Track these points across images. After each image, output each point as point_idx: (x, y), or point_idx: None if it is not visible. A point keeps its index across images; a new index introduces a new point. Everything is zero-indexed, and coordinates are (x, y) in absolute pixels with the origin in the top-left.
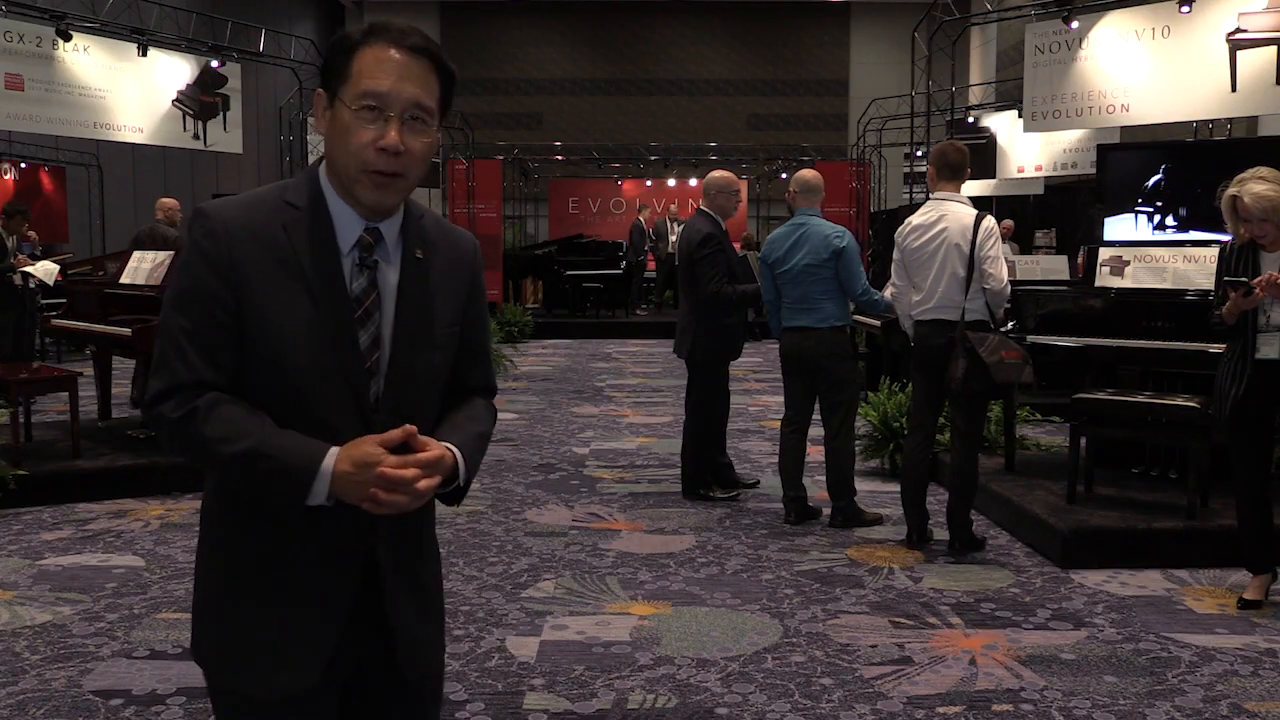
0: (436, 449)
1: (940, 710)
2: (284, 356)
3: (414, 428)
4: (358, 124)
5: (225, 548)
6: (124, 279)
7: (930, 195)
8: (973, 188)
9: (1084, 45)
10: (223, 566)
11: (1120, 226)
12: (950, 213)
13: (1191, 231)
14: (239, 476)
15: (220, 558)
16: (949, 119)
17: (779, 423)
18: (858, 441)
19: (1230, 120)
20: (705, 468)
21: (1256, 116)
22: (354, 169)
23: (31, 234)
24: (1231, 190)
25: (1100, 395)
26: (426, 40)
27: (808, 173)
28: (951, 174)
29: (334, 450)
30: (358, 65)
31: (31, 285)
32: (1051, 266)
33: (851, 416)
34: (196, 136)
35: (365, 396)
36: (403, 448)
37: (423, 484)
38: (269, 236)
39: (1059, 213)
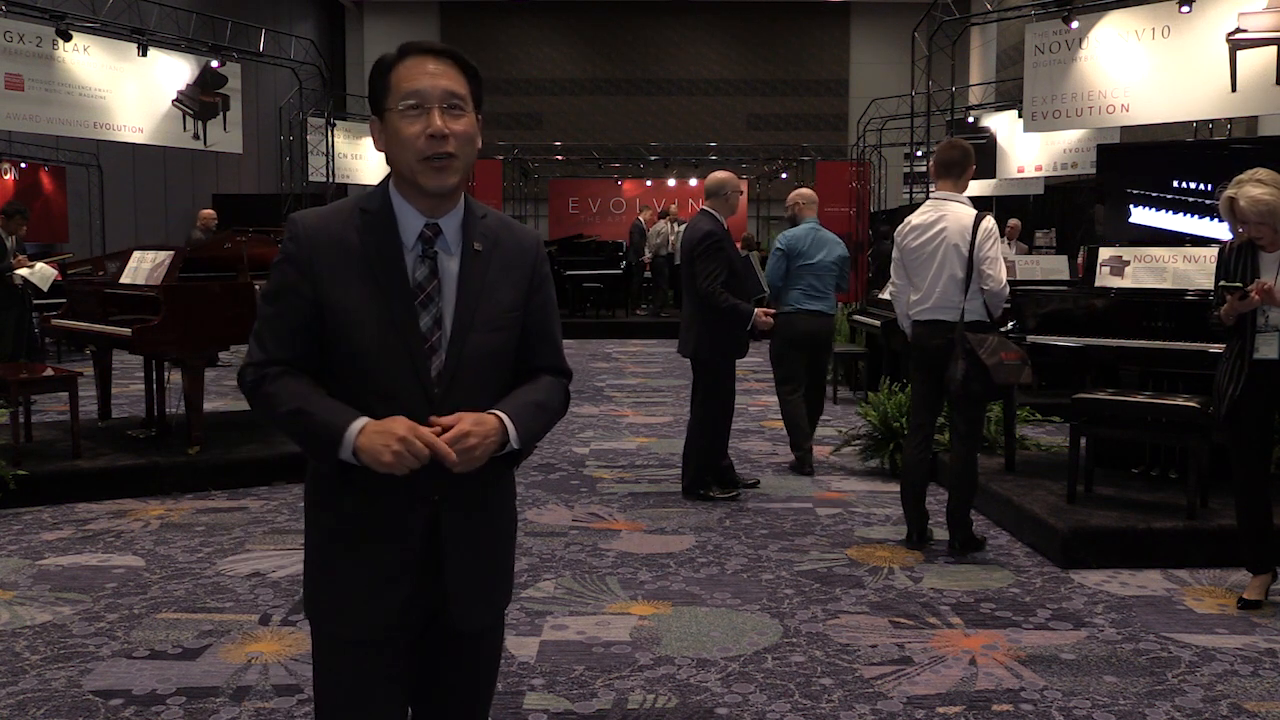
0: (465, 423)
1: (940, 710)
2: (353, 339)
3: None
4: (405, 122)
5: (317, 509)
6: (124, 279)
7: (929, 195)
8: (973, 188)
9: (1084, 45)
10: (315, 526)
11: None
12: (950, 213)
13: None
14: (289, 431)
15: (313, 518)
16: (949, 119)
17: (780, 423)
18: (857, 442)
19: (1230, 120)
20: (708, 468)
21: (1256, 116)
22: (412, 160)
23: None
24: (1229, 192)
25: (1100, 395)
26: (448, 47)
27: (808, 190)
28: (951, 172)
29: (365, 418)
30: (395, 78)
31: (18, 284)
32: (1051, 266)
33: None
34: (196, 136)
35: (426, 372)
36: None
37: (470, 439)
38: (343, 238)
39: (1059, 213)
